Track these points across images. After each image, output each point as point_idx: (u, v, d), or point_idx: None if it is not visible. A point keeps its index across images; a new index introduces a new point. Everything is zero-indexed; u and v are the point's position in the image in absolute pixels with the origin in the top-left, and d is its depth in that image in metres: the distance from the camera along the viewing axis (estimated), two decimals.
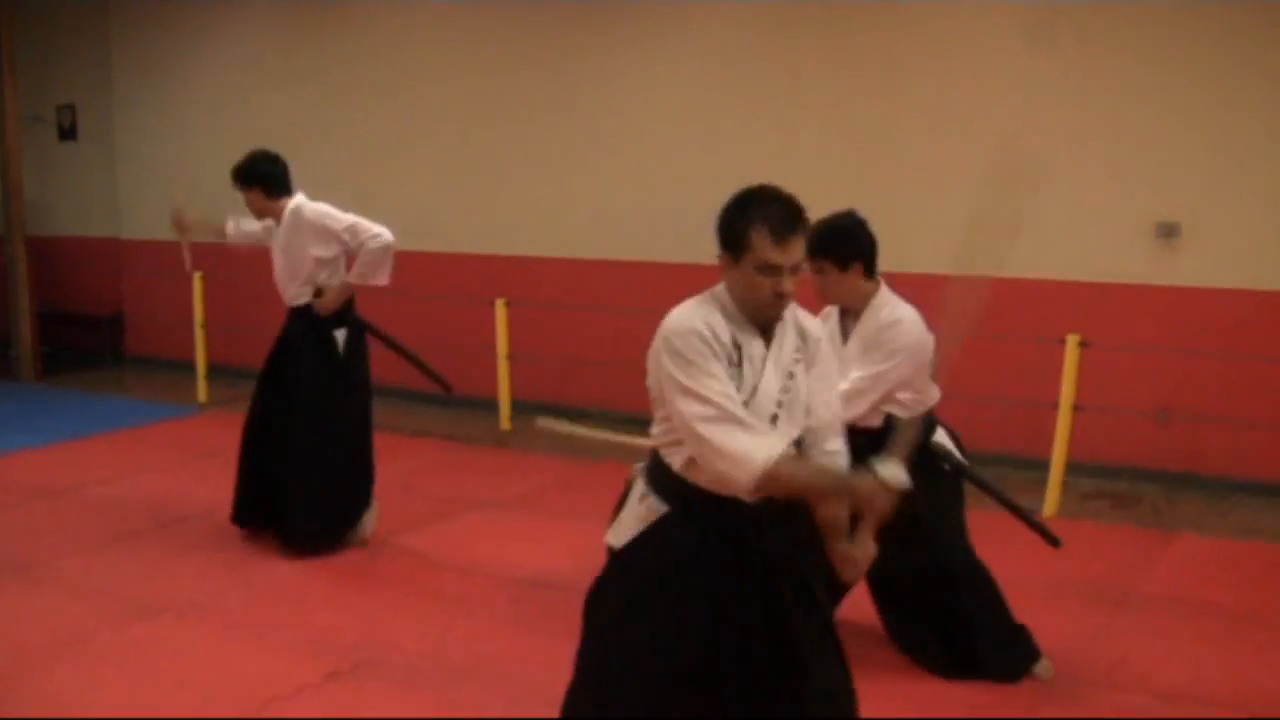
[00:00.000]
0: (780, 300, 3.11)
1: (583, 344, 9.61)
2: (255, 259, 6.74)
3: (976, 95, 8.01)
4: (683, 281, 3.91)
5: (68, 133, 12.61)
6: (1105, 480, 7.79)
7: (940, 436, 4.84)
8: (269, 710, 4.65)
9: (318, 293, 6.45)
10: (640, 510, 3.25)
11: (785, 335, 3.20)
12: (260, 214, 6.55)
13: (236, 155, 6.56)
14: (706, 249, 3.31)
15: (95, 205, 12.47)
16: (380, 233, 6.38)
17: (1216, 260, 7.57)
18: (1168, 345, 7.56)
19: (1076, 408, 7.20)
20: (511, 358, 9.27)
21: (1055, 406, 7.23)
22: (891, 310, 4.61)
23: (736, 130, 8.88)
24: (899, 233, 8.27)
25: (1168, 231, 7.63)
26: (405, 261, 10.26)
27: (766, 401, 3.11)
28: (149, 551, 6.50)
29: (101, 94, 12.27)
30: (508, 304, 9.24)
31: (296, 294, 6.51)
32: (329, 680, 4.89)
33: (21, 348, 11.62)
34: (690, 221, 5.89)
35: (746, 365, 3.10)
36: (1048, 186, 7.89)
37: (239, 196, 6.55)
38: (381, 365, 6.81)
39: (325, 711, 4.64)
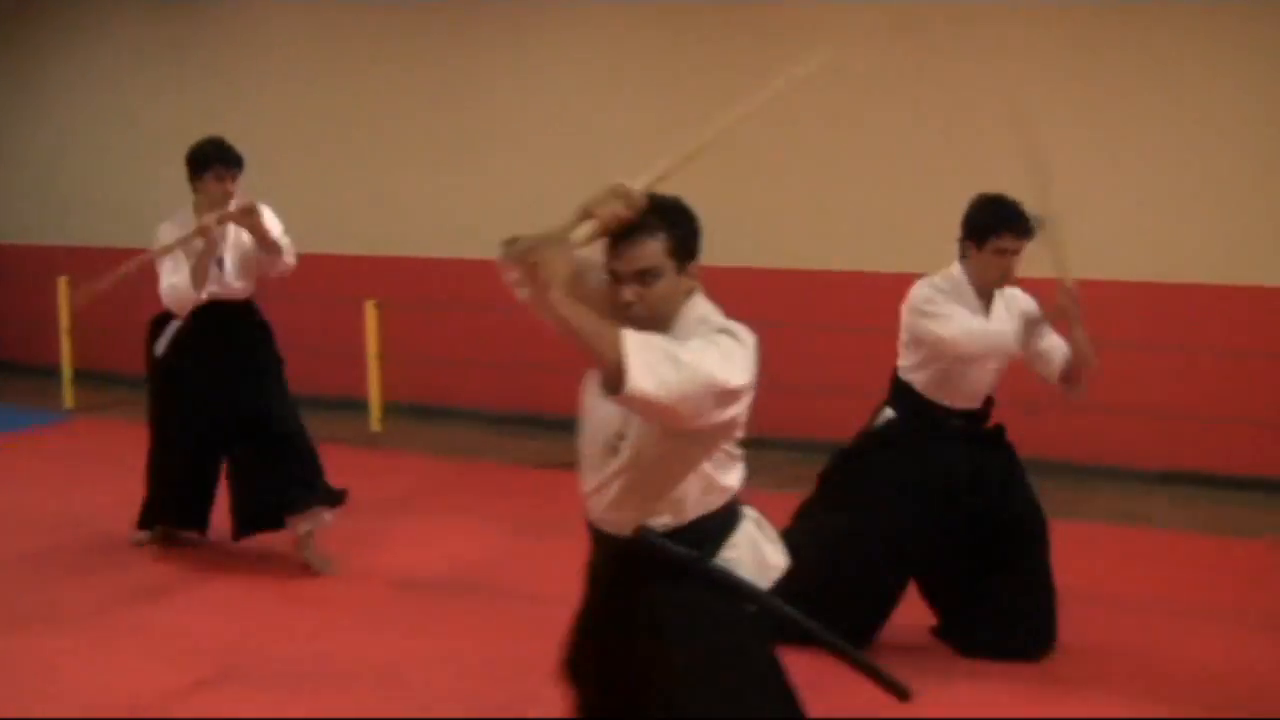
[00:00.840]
0: None
1: (453, 344, 9.64)
2: (121, 261, 6.54)
3: (859, 92, 8.15)
4: None
5: None
6: None
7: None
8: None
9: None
10: None
11: None
12: (224, 203, 6.10)
13: (112, 159, 6.37)
14: None
15: None
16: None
17: (1088, 251, 7.75)
18: None
19: None
20: (381, 358, 9.23)
21: None
22: None
23: (616, 131, 8.93)
24: (787, 230, 8.49)
25: (1037, 224, 7.80)
26: None
27: None
28: (15, 560, 6.39)
29: None
30: (378, 305, 9.20)
31: (245, 288, 6.36)
32: (196, 688, 4.87)
33: None
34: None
35: None
36: (919, 181, 8.06)
37: (107, 204, 6.27)
38: None
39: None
